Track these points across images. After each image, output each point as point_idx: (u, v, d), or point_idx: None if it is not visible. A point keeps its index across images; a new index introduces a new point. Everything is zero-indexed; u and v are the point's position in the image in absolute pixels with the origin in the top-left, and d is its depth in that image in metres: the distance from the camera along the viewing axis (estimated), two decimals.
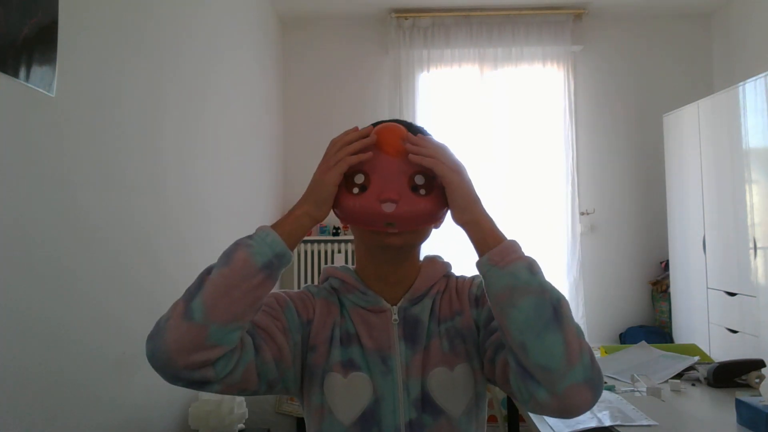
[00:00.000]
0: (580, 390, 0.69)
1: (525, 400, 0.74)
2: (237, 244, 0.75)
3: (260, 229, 0.77)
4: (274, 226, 0.78)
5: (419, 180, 0.81)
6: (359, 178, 0.80)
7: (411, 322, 0.87)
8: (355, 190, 0.80)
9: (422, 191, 0.81)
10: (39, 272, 1.33)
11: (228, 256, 0.73)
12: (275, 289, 0.83)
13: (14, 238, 1.25)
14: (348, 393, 0.83)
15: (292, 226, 0.78)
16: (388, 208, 0.78)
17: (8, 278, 1.22)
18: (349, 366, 0.84)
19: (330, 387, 0.84)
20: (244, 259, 0.72)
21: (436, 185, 0.81)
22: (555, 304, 0.71)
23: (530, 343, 0.69)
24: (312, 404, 0.86)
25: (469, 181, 0.82)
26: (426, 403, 0.83)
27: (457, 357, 0.85)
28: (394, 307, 0.87)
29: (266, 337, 0.80)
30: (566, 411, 0.71)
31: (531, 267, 0.74)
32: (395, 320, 0.86)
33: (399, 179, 0.80)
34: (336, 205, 0.82)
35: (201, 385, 0.73)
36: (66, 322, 1.43)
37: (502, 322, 0.73)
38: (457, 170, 0.80)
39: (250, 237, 0.76)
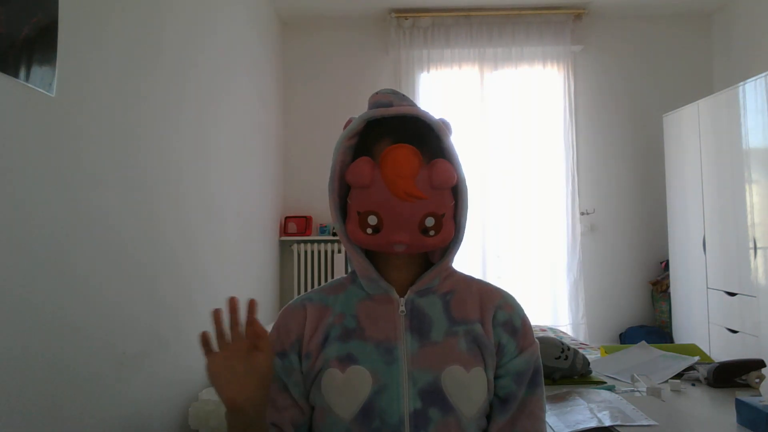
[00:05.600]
0: None
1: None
2: None
3: None
4: None
5: (429, 222, 0.83)
6: (372, 220, 0.83)
7: (418, 314, 0.87)
8: (369, 231, 0.84)
9: (432, 232, 0.84)
10: (40, 269, 1.33)
11: None
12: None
13: (15, 237, 1.25)
14: (346, 388, 0.83)
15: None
16: (399, 248, 0.84)
17: (11, 274, 1.22)
18: (347, 360, 0.84)
19: (327, 384, 0.84)
20: None
21: (445, 222, 0.85)
22: None
23: None
24: (315, 407, 0.87)
25: None
26: (437, 398, 0.82)
27: (474, 360, 0.86)
28: (402, 298, 0.88)
29: (295, 414, 0.88)
30: None
31: None
32: (402, 311, 0.87)
33: (410, 223, 0.82)
34: (350, 237, 0.86)
35: None
36: (71, 317, 1.43)
37: None
38: None
39: None
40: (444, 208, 0.84)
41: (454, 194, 0.87)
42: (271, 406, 0.87)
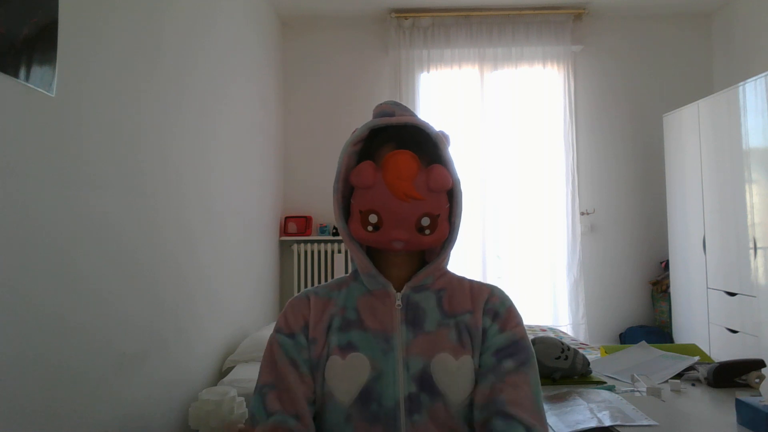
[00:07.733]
0: None
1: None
2: None
3: None
4: None
5: (425, 222, 0.90)
6: (373, 218, 0.90)
7: (413, 308, 0.94)
8: (369, 228, 0.91)
9: (427, 231, 0.91)
10: (41, 268, 1.33)
11: None
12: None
13: (16, 237, 1.25)
14: (346, 373, 0.89)
15: None
16: (397, 245, 0.91)
17: (11, 275, 1.22)
18: (347, 348, 0.91)
19: (330, 370, 0.90)
20: None
21: (440, 222, 0.91)
22: None
23: None
24: (318, 393, 0.92)
25: None
26: (426, 384, 0.88)
27: (463, 348, 0.91)
28: (398, 293, 0.94)
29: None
30: None
31: None
32: (398, 305, 0.93)
33: (407, 222, 0.89)
34: (350, 232, 0.94)
35: None
36: (70, 317, 1.43)
37: None
38: None
39: None
40: (439, 209, 0.91)
41: (450, 198, 0.94)
42: (284, 385, 0.90)
